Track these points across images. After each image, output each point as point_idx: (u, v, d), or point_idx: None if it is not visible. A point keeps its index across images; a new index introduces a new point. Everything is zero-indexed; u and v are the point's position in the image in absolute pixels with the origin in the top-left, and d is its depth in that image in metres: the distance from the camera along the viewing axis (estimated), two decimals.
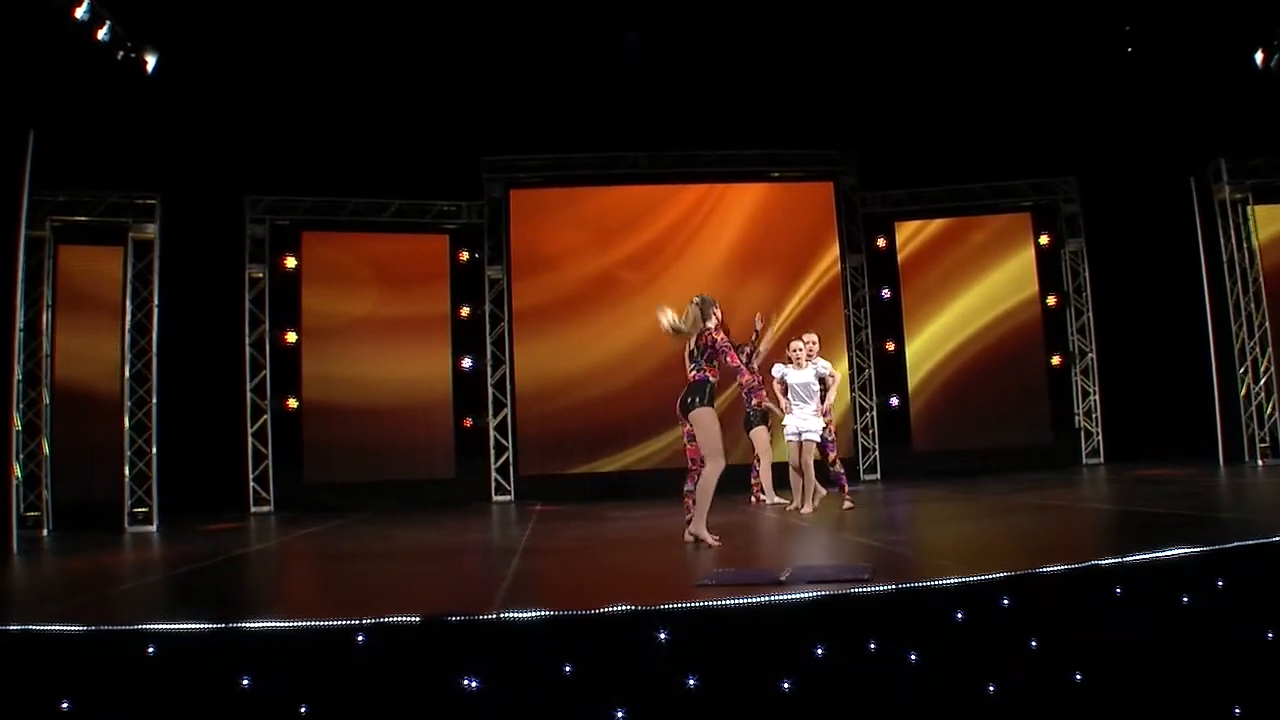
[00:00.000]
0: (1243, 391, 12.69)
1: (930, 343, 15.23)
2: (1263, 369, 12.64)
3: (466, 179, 14.30)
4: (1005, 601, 4.46)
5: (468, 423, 14.34)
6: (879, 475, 14.79)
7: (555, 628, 4.03)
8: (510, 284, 14.51)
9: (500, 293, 14.48)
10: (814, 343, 9.72)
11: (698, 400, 7.20)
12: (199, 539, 9.42)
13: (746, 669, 4.06)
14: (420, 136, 13.17)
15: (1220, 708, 4.53)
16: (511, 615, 4.07)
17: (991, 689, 4.29)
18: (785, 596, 4.32)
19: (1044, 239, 15.41)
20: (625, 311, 14.61)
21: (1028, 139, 14.31)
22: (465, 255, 14.49)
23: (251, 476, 13.31)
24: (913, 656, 4.23)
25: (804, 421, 9.31)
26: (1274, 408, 12.50)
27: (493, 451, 14.30)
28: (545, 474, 14.33)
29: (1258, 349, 12.69)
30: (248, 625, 4.02)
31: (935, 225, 15.52)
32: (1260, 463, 12.29)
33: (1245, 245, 12.85)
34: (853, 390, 14.81)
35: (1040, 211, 15.50)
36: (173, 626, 3.97)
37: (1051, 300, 15.35)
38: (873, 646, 4.21)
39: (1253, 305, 12.74)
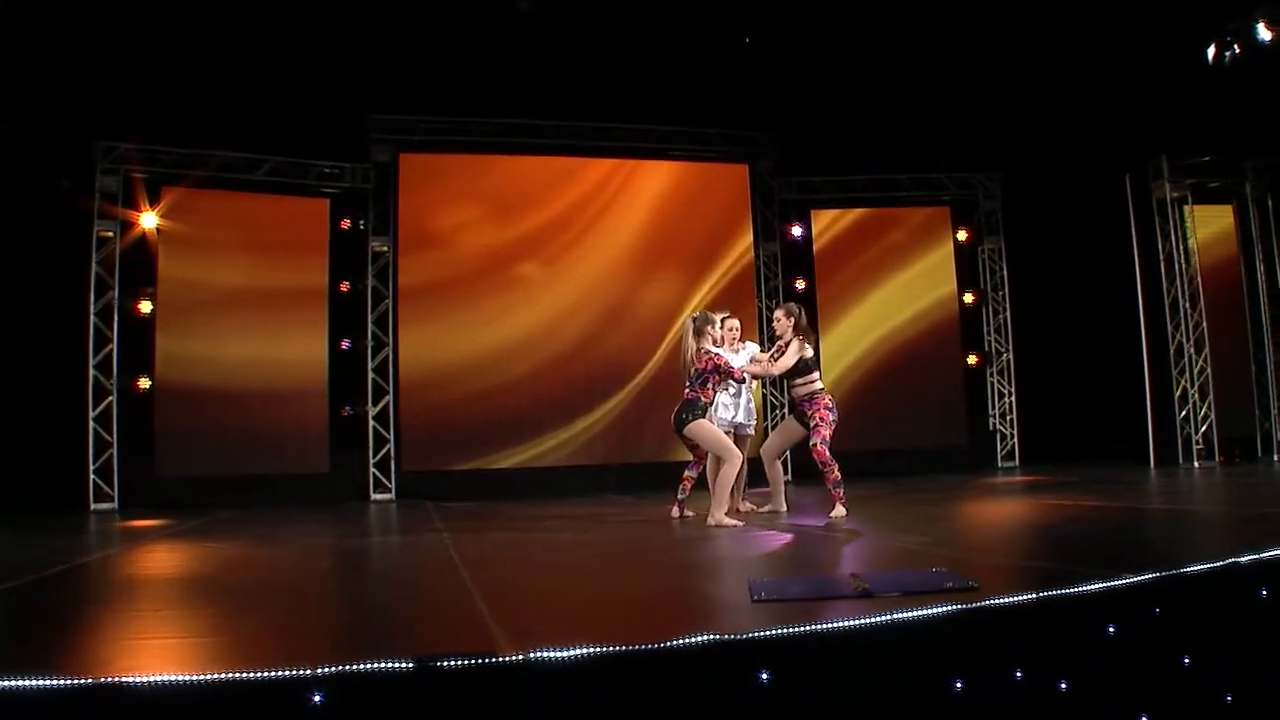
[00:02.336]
0: (1178, 392, 12.25)
1: (845, 338, 14.44)
2: (1197, 370, 12.22)
3: (352, 138, 12.75)
4: (1157, 610, 3.59)
5: (345, 411, 12.81)
6: (789, 475, 13.86)
7: (611, 668, 2.89)
8: (396, 257, 13.03)
9: (385, 267, 13.00)
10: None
11: (689, 417, 7.39)
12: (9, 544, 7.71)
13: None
14: (302, 87, 11.65)
15: None
16: (543, 655, 2.86)
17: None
18: (896, 616, 3.30)
19: (963, 235, 14.86)
20: (524, 293, 13.41)
21: (952, 132, 13.81)
22: (348, 223, 12.89)
23: (92, 468, 11.50)
24: (1063, 685, 3.29)
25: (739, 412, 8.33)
26: (1209, 409, 12.08)
27: (372, 444, 12.80)
28: (431, 470, 12.92)
29: (1193, 349, 12.26)
30: (132, 680, 2.70)
31: (853, 215, 14.77)
32: (1196, 464, 11.87)
33: (1182, 245, 12.42)
34: (764, 386, 13.86)
35: (960, 206, 14.95)
36: None
37: (969, 298, 14.77)
38: (1019, 675, 3.23)
39: (1188, 305, 12.32)
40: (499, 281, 13.33)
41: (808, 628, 3.18)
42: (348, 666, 2.80)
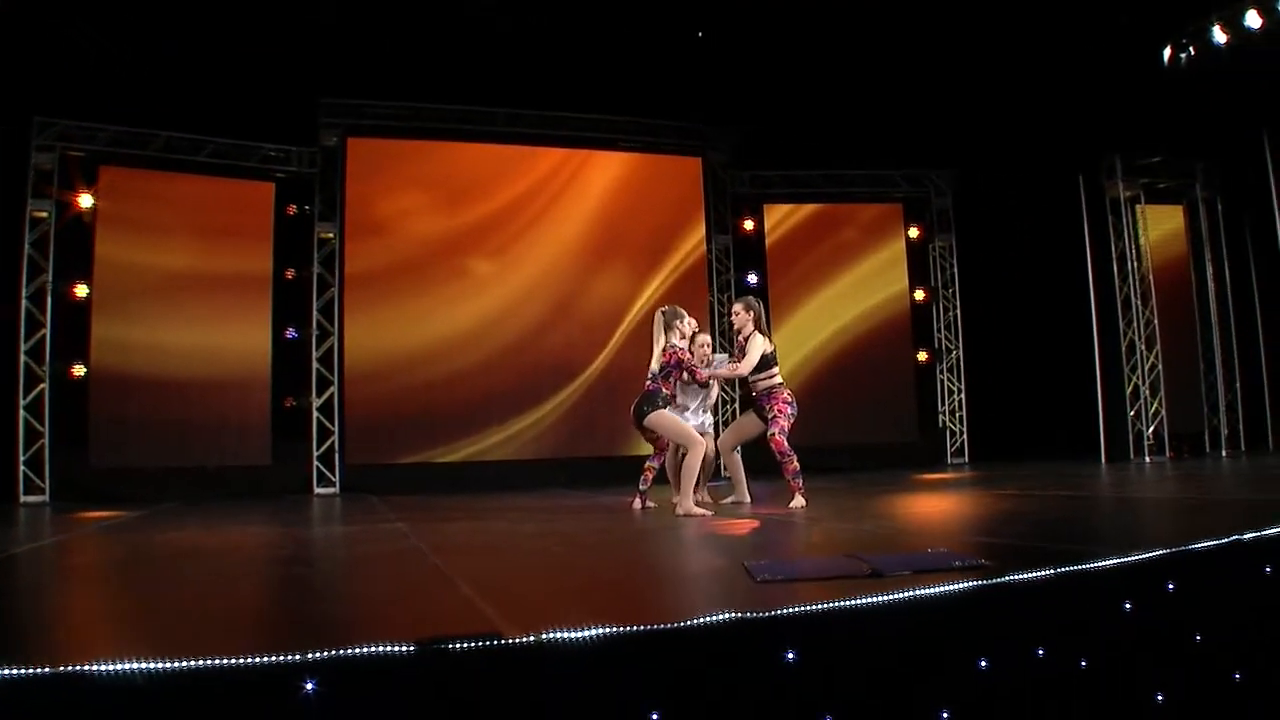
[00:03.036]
0: (1130, 389, 12.35)
1: (797, 334, 14.36)
2: (1148, 366, 12.33)
3: (300, 121, 12.38)
4: (1171, 586, 3.54)
5: (289, 402, 12.42)
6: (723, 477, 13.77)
7: (629, 648, 2.70)
8: (343, 244, 12.66)
9: (331, 254, 12.63)
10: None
11: (649, 408, 7.33)
12: None
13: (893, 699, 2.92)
14: (250, 67, 11.18)
15: None
16: (556, 636, 2.66)
17: (1160, 698, 3.36)
18: (919, 592, 3.14)
19: (914, 232, 14.88)
20: (472, 283, 13.15)
21: (904, 129, 13.79)
22: (294, 209, 12.52)
23: (22, 459, 10.99)
24: (1083, 663, 3.21)
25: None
26: (1160, 405, 12.19)
27: (315, 436, 12.43)
28: (376, 463, 12.58)
29: (1144, 346, 12.37)
30: (99, 669, 2.42)
31: (806, 210, 14.72)
32: (1147, 460, 11.97)
33: (1135, 244, 12.53)
34: (722, 385, 13.74)
35: (912, 204, 14.98)
36: None
37: (920, 295, 14.79)
38: (1041, 653, 3.14)
39: (1139, 303, 12.43)
40: (447, 271, 13.04)
41: (832, 604, 3.02)
42: (342, 651, 2.55)
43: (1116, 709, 3.32)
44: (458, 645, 2.65)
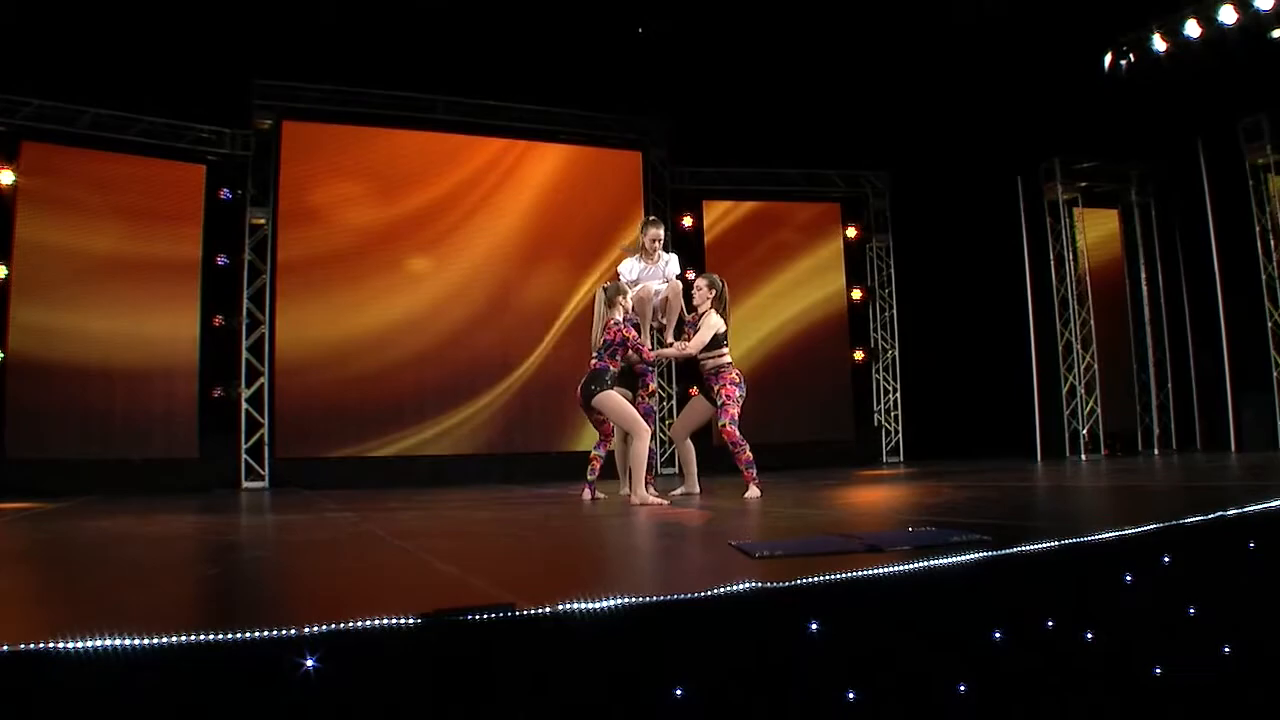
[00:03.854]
0: (1065, 388, 12.52)
1: (735, 332, 14.03)
2: (1084, 366, 12.51)
3: (234, 102, 11.97)
4: (1167, 559, 3.53)
5: (216, 393, 12.00)
6: (676, 468, 13.66)
7: (653, 619, 2.55)
8: (276, 231, 12.27)
9: (263, 240, 12.24)
10: None
11: (597, 388, 7.09)
12: None
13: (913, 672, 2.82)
14: (183, 44, 10.79)
15: None
16: (576, 607, 2.50)
17: (1158, 670, 3.33)
18: (935, 562, 3.07)
19: (852, 231, 14.94)
20: (408, 274, 12.88)
21: (842, 129, 13.83)
22: (225, 192, 12.10)
23: None
24: (1089, 636, 3.18)
25: None
26: (1095, 404, 12.37)
27: (244, 428, 12.03)
28: (306, 457, 12.20)
29: (1080, 346, 12.56)
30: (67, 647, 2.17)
31: (746, 208, 14.70)
32: (1083, 457, 12.13)
33: (1072, 246, 12.72)
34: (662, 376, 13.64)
35: (850, 203, 15.05)
36: None
37: (857, 294, 14.86)
38: (1050, 625, 3.10)
39: (1076, 304, 12.61)
40: (383, 260, 12.73)
41: (854, 574, 2.90)
42: (342, 625, 2.35)
43: (1121, 680, 3.27)
44: (470, 618, 2.47)
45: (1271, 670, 3.64)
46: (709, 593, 2.71)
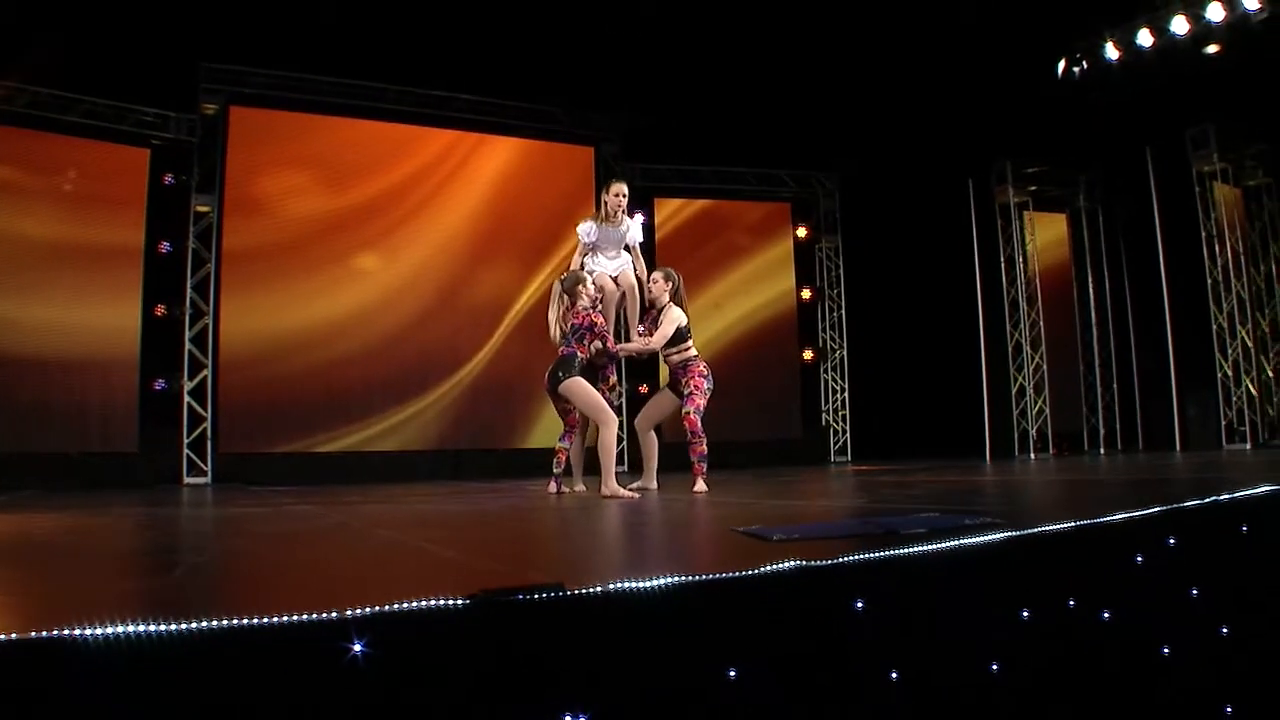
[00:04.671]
0: (1015, 389, 12.68)
1: None
2: (1033, 367, 12.68)
3: (180, 85, 11.58)
4: (1172, 541, 3.60)
5: (158, 385, 11.61)
6: (626, 467, 13.56)
7: (702, 596, 2.48)
8: (221, 219, 11.91)
9: (209, 228, 11.87)
10: None
11: (564, 374, 6.98)
12: None
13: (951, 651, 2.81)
14: (128, 24, 10.36)
15: None
16: (628, 586, 2.41)
17: (1166, 651, 3.38)
18: (965, 541, 3.06)
19: (802, 231, 15.00)
20: (356, 266, 12.63)
21: (793, 129, 13.84)
22: (170, 178, 11.71)
23: None
24: (1105, 615, 3.22)
25: None
26: (1044, 404, 12.54)
27: (186, 422, 11.67)
28: (251, 452, 11.88)
29: (1029, 348, 12.73)
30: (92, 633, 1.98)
31: (697, 206, 14.67)
32: (1032, 456, 12.29)
33: (1022, 249, 12.89)
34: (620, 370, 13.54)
35: (800, 204, 15.10)
36: None
37: (806, 294, 14.91)
38: (1072, 604, 3.14)
39: (1026, 305, 12.79)
40: (331, 252, 12.44)
41: (891, 553, 2.89)
42: (390, 607, 2.21)
43: (1136, 659, 3.32)
44: (520, 597, 2.36)
45: (1266, 652, 3.70)
46: (756, 570, 2.65)
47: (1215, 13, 10.77)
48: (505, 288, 13.34)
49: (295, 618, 2.09)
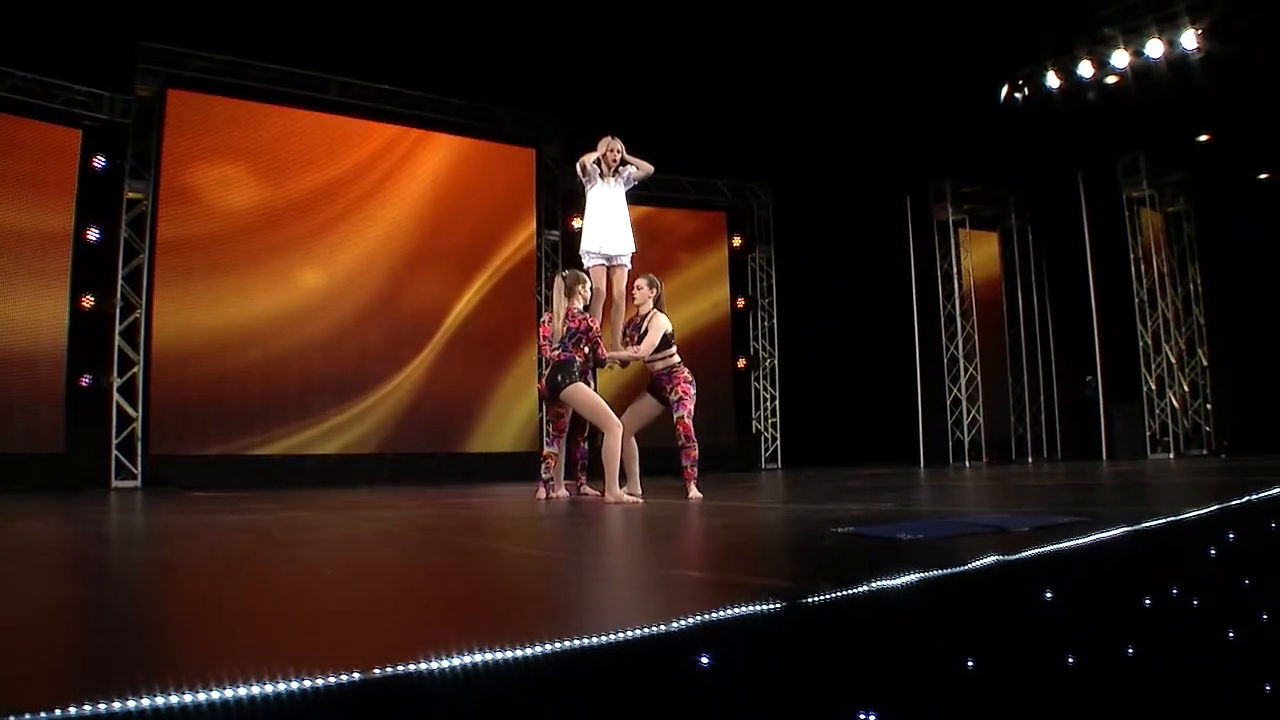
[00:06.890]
0: (950, 399, 13.02)
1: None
2: (967, 378, 13.04)
3: (115, 64, 10.99)
4: (1231, 536, 3.76)
5: (85, 381, 10.96)
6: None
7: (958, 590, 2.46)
8: (156, 207, 11.35)
9: (142, 216, 11.30)
10: None
11: (566, 380, 6.82)
12: None
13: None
14: None
15: None
16: (888, 584, 2.36)
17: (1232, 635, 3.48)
18: (1093, 538, 3.07)
19: (736, 241, 15.12)
20: (297, 259, 12.21)
21: (733, 140, 13.96)
22: (102, 161, 11.09)
23: None
24: (1195, 603, 3.32)
25: None
26: (978, 414, 12.90)
27: (115, 421, 11.05)
28: (182, 454, 11.31)
29: (964, 360, 13.09)
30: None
31: (636, 212, 14.39)
32: (967, 464, 12.61)
33: (958, 264, 13.25)
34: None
35: (735, 214, 15.22)
36: None
37: (740, 303, 15.02)
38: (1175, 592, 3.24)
39: (960, 319, 13.14)
40: (269, 245, 11.99)
41: (1058, 546, 2.91)
42: (719, 614, 2.12)
43: (1213, 643, 3.44)
44: (820, 598, 2.30)
45: None
46: (978, 564, 2.66)
47: (1155, 49, 11.24)
48: (446, 288, 13.16)
49: (634, 634, 1.98)
